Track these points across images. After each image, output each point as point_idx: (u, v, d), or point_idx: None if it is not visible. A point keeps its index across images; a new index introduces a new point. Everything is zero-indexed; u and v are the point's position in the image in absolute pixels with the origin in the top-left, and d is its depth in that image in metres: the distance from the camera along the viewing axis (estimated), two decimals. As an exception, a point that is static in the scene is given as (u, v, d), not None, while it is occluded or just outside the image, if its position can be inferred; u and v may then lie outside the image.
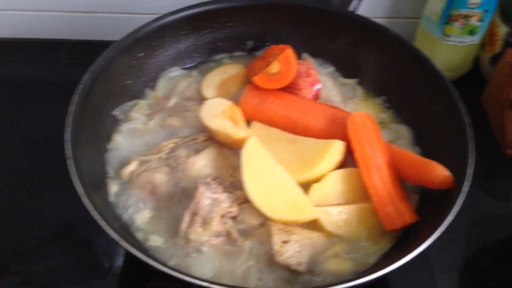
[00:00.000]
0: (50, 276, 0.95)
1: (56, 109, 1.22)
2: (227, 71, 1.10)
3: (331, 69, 1.14)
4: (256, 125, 0.97)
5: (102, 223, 0.72)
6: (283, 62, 0.97)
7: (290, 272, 0.79)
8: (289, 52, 0.98)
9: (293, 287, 0.78)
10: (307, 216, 0.83)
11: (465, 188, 0.82)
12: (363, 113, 0.92)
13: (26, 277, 0.95)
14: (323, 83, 1.06)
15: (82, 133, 0.87)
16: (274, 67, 0.98)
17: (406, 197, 0.89)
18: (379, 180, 0.87)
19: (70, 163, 0.79)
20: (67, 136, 0.82)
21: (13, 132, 1.21)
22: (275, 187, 0.84)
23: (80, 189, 0.76)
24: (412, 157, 0.91)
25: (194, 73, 1.13)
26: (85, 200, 0.74)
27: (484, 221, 1.08)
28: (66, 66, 1.37)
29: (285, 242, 0.79)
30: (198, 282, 0.67)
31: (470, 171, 0.83)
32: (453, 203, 0.80)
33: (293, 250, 0.79)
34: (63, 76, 1.33)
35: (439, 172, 0.86)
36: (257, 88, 0.99)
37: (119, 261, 0.97)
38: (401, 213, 0.85)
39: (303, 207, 0.83)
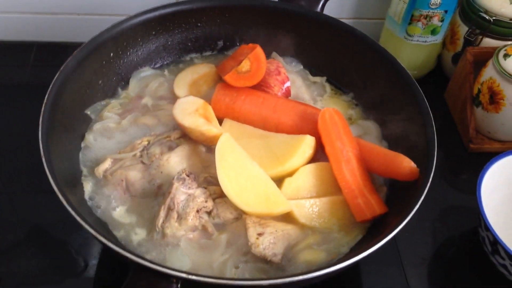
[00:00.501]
0: (25, 277, 0.95)
1: (26, 111, 1.22)
2: (198, 70, 1.12)
3: (300, 67, 1.17)
4: (228, 122, 0.99)
5: (78, 218, 0.73)
6: (253, 60, 0.99)
7: (266, 263, 0.81)
8: (259, 50, 1.00)
9: (268, 277, 0.79)
10: (280, 209, 0.85)
11: (429, 178, 0.85)
12: (332, 109, 0.95)
13: (0, 279, 0.94)
14: (293, 81, 1.09)
15: (55, 133, 0.87)
16: (245, 65, 1.00)
17: (375, 190, 0.91)
18: (349, 173, 0.90)
19: (44, 161, 0.79)
20: (40, 135, 0.82)
21: None
22: (248, 182, 0.85)
23: (54, 186, 0.76)
24: (380, 150, 0.94)
25: (166, 72, 1.14)
26: (60, 196, 0.75)
27: (449, 213, 1.12)
28: (35, 68, 1.36)
29: (260, 234, 0.81)
30: (176, 273, 0.68)
31: (432, 162, 0.87)
32: (419, 193, 0.83)
33: (268, 242, 0.81)
34: (32, 78, 1.33)
35: (406, 164, 0.89)
36: (228, 86, 1.01)
37: (94, 260, 0.97)
38: (370, 205, 0.88)
39: (277, 200, 0.85)
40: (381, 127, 1.05)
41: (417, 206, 0.81)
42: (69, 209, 0.74)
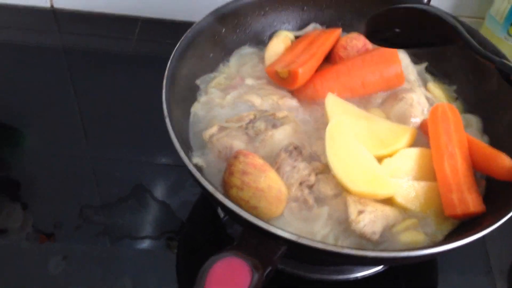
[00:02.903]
0: (128, 229, 1.02)
1: (134, 81, 1.32)
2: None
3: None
4: (331, 97, 0.99)
5: (199, 177, 0.78)
6: (292, 73, 1.02)
7: (364, 240, 0.84)
8: (299, 70, 1.02)
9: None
10: (385, 191, 0.86)
11: None
12: (447, 104, 0.96)
13: (106, 227, 1.02)
14: (400, 59, 1.08)
15: (172, 100, 0.92)
16: (283, 73, 1.03)
17: (477, 189, 0.89)
18: (450, 168, 0.88)
19: (168, 123, 0.84)
20: (164, 98, 0.88)
21: (93, 97, 1.29)
22: (357, 162, 0.87)
23: (178, 147, 0.81)
24: (480, 145, 0.94)
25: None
26: (183, 156, 0.80)
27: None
28: (140, 42, 1.44)
29: (360, 212, 0.83)
30: (286, 235, 0.71)
31: None
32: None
33: (369, 219, 0.83)
34: (137, 51, 1.41)
35: (506, 164, 0.88)
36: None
37: (191, 223, 1.04)
38: (465, 202, 0.86)
39: (383, 183, 0.87)
40: (483, 121, 1.04)
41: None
42: (191, 169, 0.79)
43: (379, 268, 1.00)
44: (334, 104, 0.98)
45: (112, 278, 0.95)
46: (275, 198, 0.82)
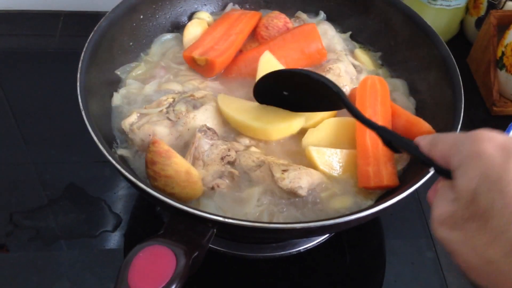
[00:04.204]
0: (62, 231, 0.99)
1: (57, 78, 1.27)
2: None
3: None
4: (267, 55, 1.00)
5: (122, 170, 0.75)
6: (209, 61, 1.01)
7: (293, 197, 0.84)
8: (217, 60, 1.02)
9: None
10: (298, 121, 0.91)
11: None
12: (377, 77, 0.97)
13: (39, 231, 0.98)
14: (324, 32, 1.10)
15: (90, 91, 0.89)
16: (200, 60, 1.02)
17: (393, 162, 0.90)
18: (371, 141, 0.89)
19: (85, 117, 0.81)
20: (79, 90, 0.84)
21: (14, 97, 1.23)
22: (261, 112, 0.92)
23: (97, 141, 0.78)
24: (402, 113, 0.95)
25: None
26: (103, 150, 0.77)
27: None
28: (63, 38, 1.39)
29: (284, 170, 0.84)
30: (213, 217, 0.70)
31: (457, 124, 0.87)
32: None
33: (293, 175, 0.83)
34: (61, 47, 1.36)
35: (425, 130, 0.90)
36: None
37: (128, 216, 1.02)
38: (379, 175, 0.87)
39: (291, 116, 0.91)
40: (408, 84, 1.06)
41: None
42: (114, 163, 0.76)
43: (320, 239, 1.00)
44: (266, 63, 0.98)
45: (49, 283, 0.92)
46: (186, 181, 0.81)
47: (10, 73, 1.30)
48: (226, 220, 0.71)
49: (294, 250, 0.99)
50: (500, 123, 1.14)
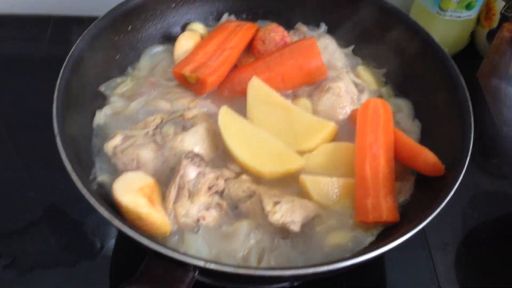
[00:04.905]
0: (40, 257, 0.93)
1: (44, 86, 1.19)
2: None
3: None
4: (256, 81, 0.94)
5: (93, 201, 0.69)
6: (200, 80, 0.95)
7: (286, 232, 0.78)
8: (209, 79, 0.95)
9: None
10: (295, 164, 0.84)
11: (460, 175, 0.79)
12: (380, 100, 0.90)
13: (15, 258, 0.92)
14: (326, 46, 1.03)
15: (70, 109, 0.83)
16: (191, 79, 0.95)
17: (394, 194, 0.84)
18: (370, 169, 0.83)
19: (58, 140, 0.75)
20: (55, 111, 0.78)
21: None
22: (259, 145, 0.85)
23: (69, 167, 0.72)
24: (406, 141, 0.89)
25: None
26: (75, 178, 0.71)
27: (480, 199, 1.07)
28: (52, 43, 1.33)
29: (276, 202, 0.79)
30: (194, 261, 0.64)
31: (465, 161, 0.81)
32: (449, 188, 0.77)
33: (285, 208, 0.78)
34: (50, 52, 1.30)
35: (431, 160, 0.84)
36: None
37: (111, 243, 0.95)
38: (379, 209, 0.80)
39: (290, 157, 0.85)
40: (413, 105, 1.00)
41: (447, 199, 0.76)
42: (84, 192, 0.70)
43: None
44: (257, 90, 0.92)
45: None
46: (145, 226, 0.76)
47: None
48: (208, 265, 0.64)
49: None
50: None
